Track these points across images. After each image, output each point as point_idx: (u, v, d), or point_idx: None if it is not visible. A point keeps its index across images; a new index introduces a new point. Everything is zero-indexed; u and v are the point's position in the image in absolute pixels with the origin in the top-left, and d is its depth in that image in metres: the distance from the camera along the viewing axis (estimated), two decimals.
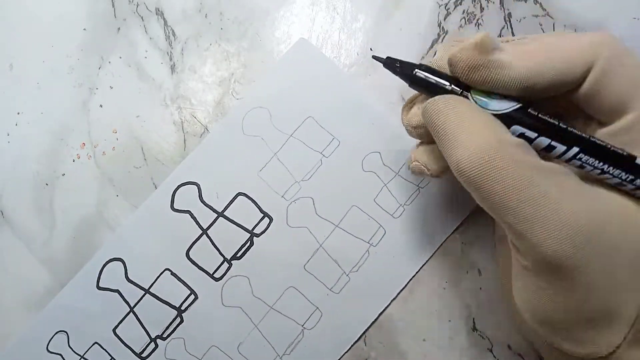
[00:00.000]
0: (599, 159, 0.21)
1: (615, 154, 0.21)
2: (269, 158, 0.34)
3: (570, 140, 0.21)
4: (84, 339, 0.35)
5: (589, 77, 0.22)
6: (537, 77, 0.22)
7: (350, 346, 0.34)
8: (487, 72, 0.22)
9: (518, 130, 0.22)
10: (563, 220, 0.20)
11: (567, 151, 0.21)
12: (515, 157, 0.20)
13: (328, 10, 0.35)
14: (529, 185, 0.20)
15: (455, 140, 0.21)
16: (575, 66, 0.22)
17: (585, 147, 0.21)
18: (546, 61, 0.22)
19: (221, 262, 0.34)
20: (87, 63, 0.36)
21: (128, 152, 0.35)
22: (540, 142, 0.22)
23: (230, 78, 0.35)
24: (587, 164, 0.21)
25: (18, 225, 0.36)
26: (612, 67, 0.22)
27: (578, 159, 0.21)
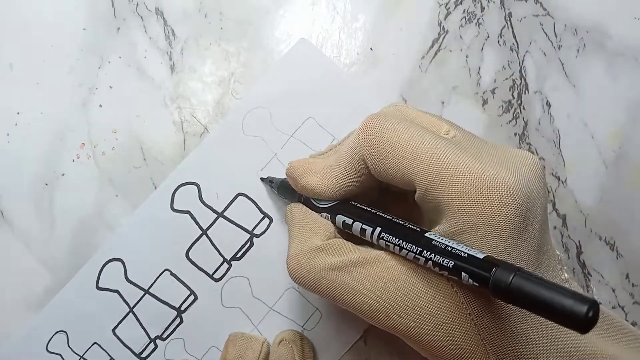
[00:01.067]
0: (395, 235, 0.24)
1: (409, 229, 0.24)
2: (269, 158, 0.34)
3: (375, 222, 0.25)
4: (83, 339, 0.35)
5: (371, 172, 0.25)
6: (336, 191, 0.26)
7: (350, 346, 0.33)
8: (304, 192, 0.28)
9: (341, 218, 0.26)
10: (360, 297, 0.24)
11: (374, 231, 0.25)
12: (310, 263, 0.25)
13: (328, 10, 0.35)
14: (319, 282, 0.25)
15: (289, 244, 0.27)
16: (353, 172, 0.26)
17: (385, 226, 0.24)
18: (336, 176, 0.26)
19: (221, 262, 0.34)
20: (87, 63, 0.36)
21: (128, 152, 0.35)
22: (356, 226, 0.26)
23: (230, 78, 0.35)
24: (389, 242, 0.24)
25: (18, 225, 0.36)
26: (376, 160, 0.24)
27: (382, 237, 0.24)
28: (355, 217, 0.26)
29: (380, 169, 0.24)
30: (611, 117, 0.34)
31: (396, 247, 0.24)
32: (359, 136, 0.25)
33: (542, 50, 0.34)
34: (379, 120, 0.25)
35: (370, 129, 0.25)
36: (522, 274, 0.19)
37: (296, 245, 0.26)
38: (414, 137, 0.24)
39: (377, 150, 0.24)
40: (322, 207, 0.28)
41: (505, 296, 0.19)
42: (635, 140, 0.34)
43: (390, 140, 0.24)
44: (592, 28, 0.34)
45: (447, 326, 0.23)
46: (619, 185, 0.34)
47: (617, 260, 0.34)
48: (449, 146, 0.23)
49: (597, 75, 0.34)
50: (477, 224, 0.22)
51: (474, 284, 0.20)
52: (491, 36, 0.35)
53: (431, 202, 0.23)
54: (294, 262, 0.26)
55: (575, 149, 0.34)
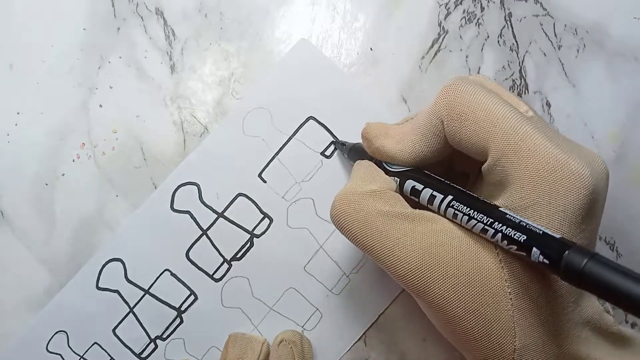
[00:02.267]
0: (467, 205, 0.23)
1: (482, 202, 0.23)
2: (269, 158, 0.34)
3: (447, 191, 0.25)
4: (83, 339, 0.35)
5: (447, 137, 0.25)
6: (411, 155, 0.26)
7: (350, 346, 0.34)
8: (378, 155, 0.28)
9: (411, 184, 0.26)
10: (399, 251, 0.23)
11: (444, 199, 0.24)
12: (359, 202, 0.25)
13: (328, 9, 0.35)
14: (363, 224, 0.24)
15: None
16: (431, 136, 0.26)
17: (457, 195, 0.24)
18: (413, 140, 0.26)
19: (221, 262, 0.34)
20: (87, 63, 0.36)
21: (128, 152, 0.35)
22: (426, 192, 0.25)
23: (230, 78, 0.35)
24: (458, 211, 0.24)
25: (18, 225, 0.36)
26: (454, 123, 0.24)
27: (452, 206, 0.24)
28: (425, 184, 0.25)
29: (457, 132, 0.24)
30: (611, 117, 0.34)
31: (465, 217, 0.23)
32: (439, 97, 0.25)
33: (542, 50, 0.34)
34: (461, 83, 0.25)
35: (452, 91, 0.25)
36: (599, 257, 0.18)
37: (349, 185, 0.26)
38: (494, 105, 0.23)
39: (456, 112, 0.24)
40: (392, 171, 0.27)
41: (577, 279, 0.19)
42: (635, 140, 0.34)
43: (470, 103, 0.24)
44: (592, 28, 0.34)
45: (481, 301, 0.22)
46: (619, 185, 0.34)
47: (617, 260, 0.34)
48: (528, 123, 0.23)
49: (597, 75, 0.34)
50: (543, 201, 0.22)
51: (544, 262, 0.20)
52: (491, 36, 0.35)
53: (498, 174, 0.23)
54: (341, 198, 0.25)
55: None
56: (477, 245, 0.23)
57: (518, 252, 0.21)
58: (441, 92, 0.25)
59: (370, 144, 0.28)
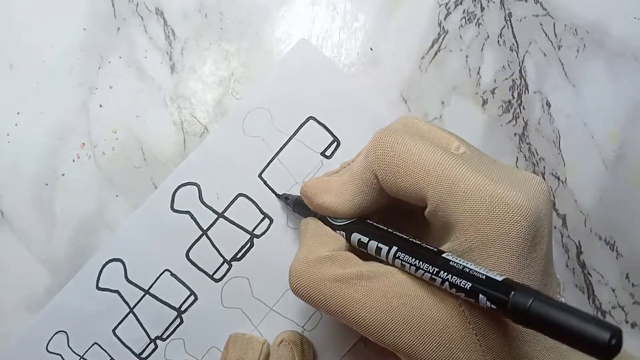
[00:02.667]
0: (412, 255, 0.23)
1: (426, 249, 0.23)
2: (269, 159, 0.34)
3: (391, 241, 0.25)
4: (83, 339, 0.35)
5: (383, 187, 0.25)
6: (352, 208, 0.26)
7: (350, 347, 0.34)
8: (319, 210, 0.28)
9: (356, 237, 0.26)
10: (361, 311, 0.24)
11: (390, 250, 0.24)
12: (313, 272, 0.25)
13: (328, 10, 0.35)
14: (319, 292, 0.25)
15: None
16: (367, 188, 0.26)
17: (402, 245, 0.24)
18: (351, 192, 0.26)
19: (221, 263, 0.34)
20: (87, 63, 0.36)
21: (128, 152, 0.35)
22: (372, 244, 0.25)
23: (230, 78, 0.35)
24: (405, 262, 0.24)
25: (18, 225, 0.36)
26: (387, 175, 0.24)
27: (398, 257, 0.24)
28: (371, 235, 0.26)
29: (392, 183, 0.24)
30: (611, 117, 0.34)
31: (412, 267, 0.23)
32: (369, 151, 0.25)
33: (542, 50, 0.34)
34: (389, 134, 0.25)
35: (381, 144, 0.25)
36: (542, 297, 0.19)
37: (302, 254, 0.26)
38: (424, 152, 0.24)
39: (388, 165, 0.24)
40: (337, 225, 0.27)
41: (524, 320, 0.19)
42: (635, 141, 0.34)
43: (400, 155, 0.24)
44: (592, 28, 0.34)
45: (451, 345, 0.23)
46: (619, 185, 0.34)
47: (617, 260, 0.34)
48: (460, 162, 0.23)
49: (597, 75, 0.34)
50: (487, 241, 0.22)
51: (491, 307, 0.20)
52: (491, 36, 0.35)
53: (441, 219, 0.23)
54: (296, 270, 0.26)
55: (575, 149, 0.34)
56: (436, 293, 0.23)
57: (467, 299, 0.22)
58: (371, 145, 0.25)
59: (311, 202, 0.28)
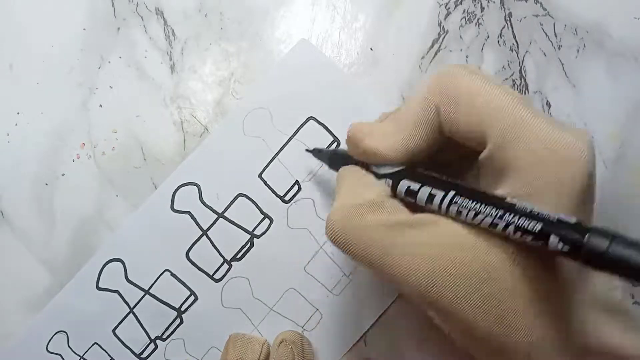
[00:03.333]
0: (471, 199, 0.22)
1: (485, 194, 0.22)
2: (269, 159, 0.34)
3: (447, 187, 0.23)
4: (83, 340, 0.35)
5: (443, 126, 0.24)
6: (404, 152, 0.24)
7: (351, 347, 0.34)
8: (366, 158, 0.26)
9: (405, 184, 0.24)
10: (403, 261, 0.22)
11: (445, 196, 0.23)
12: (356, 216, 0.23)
13: (328, 9, 0.35)
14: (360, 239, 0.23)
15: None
16: (424, 127, 0.24)
17: (459, 190, 0.23)
18: (405, 135, 0.24)
19: (221, 263, 0.34)
20: (87, 63, 0.36)
21: (128, 152, 0.35)
22: (424, 191, 0.23)
23: (230, 78, 0.35)
24: (462, 207, 0.22)
25: (18, 225, 0.36)
26: (450, 109, 0.23)
27: (455, 202, 0.22)
28: (422, 182, 0.24)
29: (453, 119, 0.23)
30: (611, 117, 0.34)
31: (471, 212, 0.22)
32: (433, 84, 0.24)
33: (542, 50, 0.34)
34: (455, 69, 0.24)
35: (447, 77, 0.24)
36: (620, 238, 0.18)
37: (343, 199, 0.24)
38: (492, 90, 0.23)
39: (453, 98, 0.23)
40: (382, 174, 0.25)
41: (601, 262, 0.18)
42: (635, 141, 0.34)
43: (467, 89, 0.23)
44: (592, 28, 0.34)
45: (494, 301, 0.21)
46: (619, 185, 0.34)
47: None
48: (524, 104, 0.22)
49: (597, 75, 0.34)
50: (549, 185, 0.21)
51: (563, 249, 0.19)
52: (491, 36, 0.35)
53: (500, 161, 0.22)
54: (338, 215, 0.23)
55: None
56: (486, 244, 0.22)
57: (534, 243, 0.20)
58: (435, 79, 0.24)
59: (358, 146, 0.26)
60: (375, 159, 0.25)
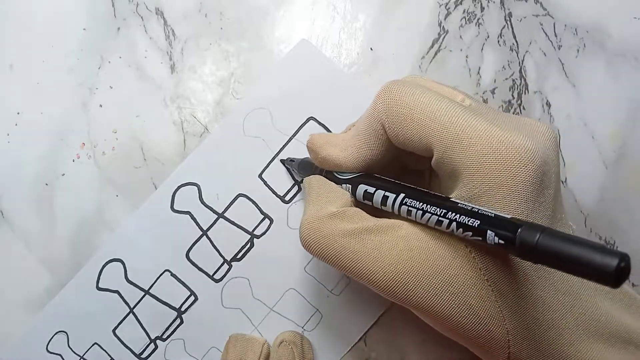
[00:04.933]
0: (419, 200, 0.24)
1: (432, 195, 0.24)
2: (269, 159, 0.34)
3: (398, 189, 0.25)
4: (83, 340, 0.35)
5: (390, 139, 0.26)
6: (357, 161, 0.27)
7: (351, 347, 0.34)
8: (326, 165, 0.28)
9: (362, 188, 0.26)
10: (372, 265, 0.24)
11: (397, 198, 0.25)
12: (323, 228, 0.25)
13: (328, 10, 0.35)
14: (330, 247, 0.25)
15: (303, 213, 0.27)
16: (374, 139, 0.26)
17: (408, 192, 0.24)
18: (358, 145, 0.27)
19: (221, 263, 0.34)
20: (87, 63, 0.36)
21: (128, 152, 0.35)
22: (378, 194, 0.26)
23: (230, 78, 0.35)
24: (412, 207, 0.24)
25: (18, 225, 0.36)
26: (395, 125, 0.25)
27: (404, 203, 0.24)
28: (377, 186, 0.26)
29: (399, 133, 0.25)
30: (611, 117, 0.34)
31: (419, 212, 0.24)
32: (377, 102, 0.25)
33: (542, 50, 0.34)
34: (397, 85, 0.25)
35: (389, 94, 0.25)
36: (549, 231, 0.19)
37: (310, 211, 0.26)
38: (432, 102, 0.24)
39: (396, 114, 0.24)
40: (343, 179, 0.28)
41: (533, 254, 0.19)
42: (635, 141, 0.34)
43: (408, 104, 0.24)
44: (592, 28, 0.34)
45: (463, 293, 0.23)
46: (619, 185, 0.34)
47: None
48: (466, 111, 0.23)
49: (597, 75, 0.34)
50: (495, 186, 0.22)
51: (499, 242, 0.20)
52: (491, 36, 0.34)
53: (448, 167, 0.23)
54: (307, 227, 0.25)
55: (575, 149, 0.34)
56: (444, 242, 0.23)
57: (474, 238, 0.22)
58: (378, 97, 0.26)
59: (317, 154, 0.28)
60: (333, 166, 0.28)
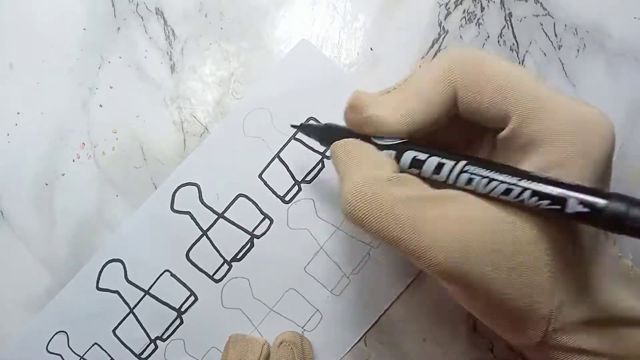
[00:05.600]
0: (484, 167, 0.22)
1: (498, 163, 0.22)
2: (269, 159, 0.34)
3: (457, 157, 0.23)
4: (83, 340, 0.35)
5: (459, 106, 0.24)
6: (410, 124, 0.24)
7: (351, 347, 0.34)
8: (367, 128, 0.25)
9: (411, 154, 0.24)
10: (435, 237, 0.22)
11: (456, 165, 0.23)
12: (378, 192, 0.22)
13: (328, 10, 0.35)
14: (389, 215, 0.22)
15: (343, 180, 0.24)
16: (437, 104, 0.24)
17: (470, 159, 0.23)
18: (414, 107, 0.24)
19: (221, 263, 0.34)
20: (87, 63, 0.36)
21: (128, 152, 0.35)
22: (432, 161, 0.23)
23: (230, 78, 0.35)
24: (475, 175, 0.22)
25: (18, 225, 0.36)
26: (471, 89, 0.23)
27: (466, 171, 0.22)
28: (429, 152, 0.23)
29: (473, 99, 0.23)
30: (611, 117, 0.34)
31: (483, 180, 0.22)
32: (451, 64, 0.24)
33: (542, 50, 0.34)
34: (471, 50, 0.24)
35: (466, 59, 0.24)
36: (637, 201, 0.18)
37: (356, 177, 0.23)
38: (512, 69, 0.23)
39: (474, 79, 0.23)
40: (385, 145, 0.24)
41: (623, 224, 0.19)
42: (635, 141, 0.34)
43: (487, 70, 0.23)
44: (592, 28, 0.34)
45: (520, 271, 0.22)
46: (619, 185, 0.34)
47: None
48: (542, 82, 0.23)
49: (597, 75, 0.34)
50: (578, 155, 0.22)
51: (581, 211, 0.20)
52: (491, 36, 0.34)
53: (524, 137, 0.23)
54: (357, 192, 0.23)
55: None
56: (511, 218, 0.22)
57: (552, 207, 0.20)
58: (452, 60, 0.24)
59: (361, 114, 0.25)
60: (378, 128, 0.25)
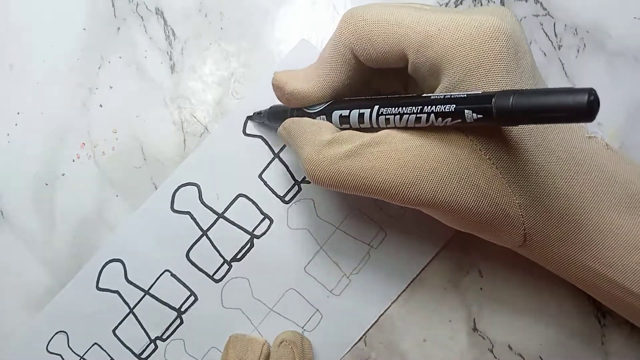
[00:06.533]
0: (393, 106, 0.25)
1: (405, 97, 0.25)
2: (270, 159, 0.34)
3: (371, 103, 0.26)
4: (83, 340, 0.35)
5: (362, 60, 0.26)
6: (323, 90, 0.27)
7: (351, 347, 0.34)
8: (294, 101, 0.29)
9: (337, 113, 0.27)
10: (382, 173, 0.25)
11: (372, 111, 0.26)
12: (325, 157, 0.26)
13: (328, 9, 0.35)
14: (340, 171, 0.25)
15: (298, 155, 0.27)
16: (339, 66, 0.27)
17: (382, 103, 0.25)
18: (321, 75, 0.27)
19: (221, 263, 0.34)
20: (87, 63, 0.36)
21: (128, 152, 0.35)
22: (354, 114, 0.26)
23: (230, 78, 0.35)
24: (389, 115, 0.25)
25: (18, 225, 0.36)
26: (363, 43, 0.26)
27: (381, 114, 0.25)
28: (350, 107, 0.27)
29: (370, 50, 0.26)
30: (611, 117, 0.34)
31: (396, 117, 0.25)
32: (342, 27, 0.26)
33: (542, 50, 0.34)
34: (356, 8, 0.26)
35: (353, 18, 0.26)
36: (520, 91, 0.19)
37: (306, 148, 0.27)
38: (393, 11, 0.25)
39: (364, 33, 0.25)
40: (315, 112, 0.28)
41: (511, 117, 0.20)
42: (635, 141, 0.34)
43: (373, 19, 0.25)
44: (592, 28, 0.34)
45: (470, 177, 0.24)
46: None
47: None
48: (428, 10, 0.25)
49: (597, 75, 0.34)
50: (474, 67, 0.23)
51: (478, 118, 0.21)
52: None
53: (425, 67, 0.24)
54: (310, 162, 0.26)
55: None
56: (439, 136, 0.24)
57: (455, 123, 0.22)
58: (342, 23, 0.26)
59: (283, 91, 0.28)
60: (301, 100, 0.28)
